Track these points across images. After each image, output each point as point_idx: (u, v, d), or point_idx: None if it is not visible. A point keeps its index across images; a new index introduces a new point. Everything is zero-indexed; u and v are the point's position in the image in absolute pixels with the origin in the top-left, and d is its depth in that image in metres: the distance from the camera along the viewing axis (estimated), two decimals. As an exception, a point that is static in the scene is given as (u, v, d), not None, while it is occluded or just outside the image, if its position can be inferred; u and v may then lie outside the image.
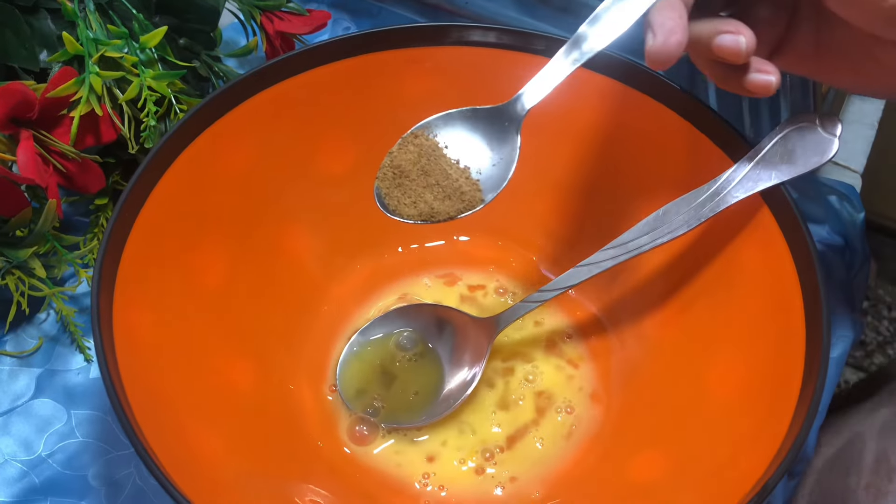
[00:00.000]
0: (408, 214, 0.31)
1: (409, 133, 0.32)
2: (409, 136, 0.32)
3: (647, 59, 0.28)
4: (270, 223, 0.38)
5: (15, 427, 0.35)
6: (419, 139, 0.31)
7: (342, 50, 0.37)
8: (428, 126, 0.32)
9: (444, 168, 0.31)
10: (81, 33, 0.36)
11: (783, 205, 0.32)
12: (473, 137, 0.32)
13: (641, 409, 0.35)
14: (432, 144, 0.31)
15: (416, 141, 0.31)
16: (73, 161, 0.36)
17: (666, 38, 0.27)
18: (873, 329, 1.30)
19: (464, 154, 0.32)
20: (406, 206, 0.31)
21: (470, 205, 0.31)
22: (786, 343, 0.30)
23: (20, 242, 0.36)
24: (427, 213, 0.31)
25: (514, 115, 0.31)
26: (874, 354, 1.26)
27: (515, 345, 0.39)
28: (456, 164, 0.31)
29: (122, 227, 0.31)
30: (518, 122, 0.31)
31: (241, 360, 0.35)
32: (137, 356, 0.30)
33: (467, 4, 0.48)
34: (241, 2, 0.45)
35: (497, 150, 0.32)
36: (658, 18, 0.27)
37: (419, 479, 0.34)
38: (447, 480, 0.35)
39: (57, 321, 0.39)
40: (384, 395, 0.36)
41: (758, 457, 0.27)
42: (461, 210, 0.31)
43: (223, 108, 0.35)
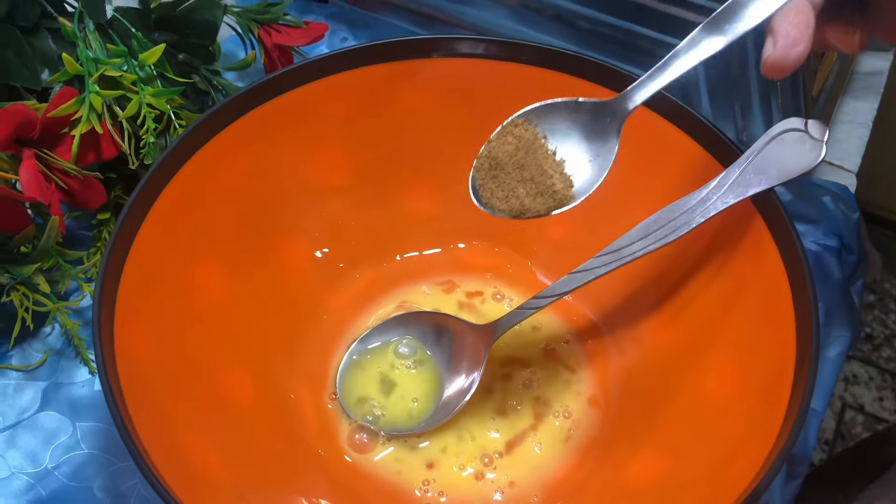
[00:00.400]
0: (499, 208, 0.31)
1: (510, 121, 0.31)
2: (510, 124, 0.31)
3: (763, 67, 0.26)
4: (269, 235, 0.39)
5: (21, 440, 0.36)
6: (518, 129, 0.31)
7: (337, 64, 0.37)
8: (529, 115, 0.31)
9: (539, 163, 0.31)
10: (81, 53, 0.37)
11: (773, 209, 0.32)
12: (573, 131, 0.31)
13: (639, 414, 0.36)
14: (531, 135, 0.31)
15: (516, 131, 0.31)
16: (75, 178, 0.37)
17: (787, 50, 0.25)
18: (880, 323, 1.30)
19: (561, 146, 0.31)
20: (498, 200, 0.31)
21: (560, 203, 0.31)
22: (777, 345, 0.30)
23: (24, 259, 0.37)
24: (518, 209, 0.31)
25: (619, 113, 0.31)
26: (882, 348, 1.26)
27: (513, 350, 0.39)
28: (552, 157, 0.31)
29: (123, 242, 0.32)
30: (621, 119, 0.31)
31: (240, 371, 0.35)
32: (138, 369, 0.31)
33: (462, 14, 0.48)
34: (239, 16, 0.45)
35: (595, 146, 0.31)
36: (783, 26, 0.25)
37: (419, 486, 0.35)
38: (447, 486, 0.35)
39: (62, 335, 0.40)
40: (384, 402, 0.37)
41: (752, 457, 0.28)
42: (551, 208, 0.31)
43: (221, 123, 0.36)
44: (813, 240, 0.44)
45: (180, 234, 0.35)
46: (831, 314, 0.42)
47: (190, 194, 0.35)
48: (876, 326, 1.30)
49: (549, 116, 0.31)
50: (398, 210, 0.41)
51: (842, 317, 0.42)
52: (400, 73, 0.38)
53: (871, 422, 1.18)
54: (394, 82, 0.38)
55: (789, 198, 0.44)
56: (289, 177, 0.39)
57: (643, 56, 0.43)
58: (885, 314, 1.30)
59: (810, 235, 0.44)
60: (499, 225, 0.42)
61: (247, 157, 0.37)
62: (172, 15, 0.44)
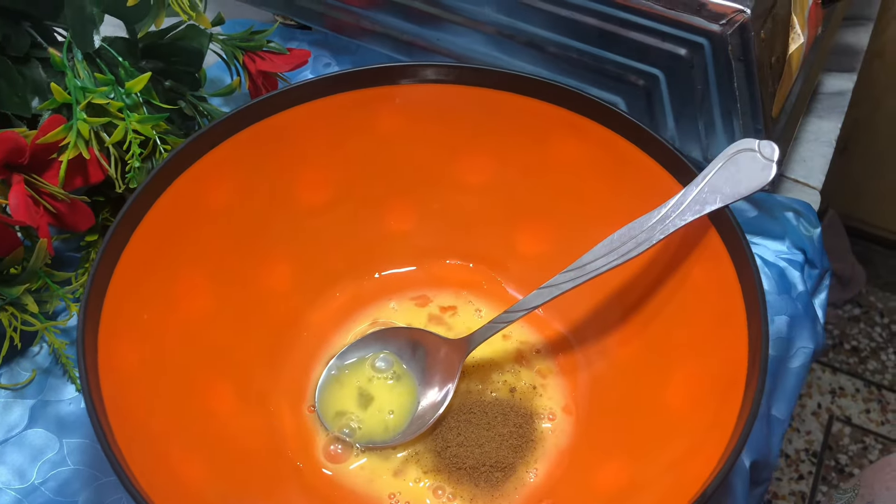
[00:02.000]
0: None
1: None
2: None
3: None
4: (252, 255, 0.40)
5: (9, 457, 0.37)
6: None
7: (317, 90, 0.39)
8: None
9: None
10: (69, 82, 0.38)
11: (727, 225, 0.34)
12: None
13: (606, 422, 0.37)
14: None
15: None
16: (63, 202, 0.38)
17: None
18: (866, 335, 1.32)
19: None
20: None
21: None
22: (731, 353, 0.32)
23: (13, 280, 0.38)
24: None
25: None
26: (868, 360, 1.28)
27: (487, 363, 0.40)
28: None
29: (108, 262, 0.33)
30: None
31: (223, 386, 0.37)
32: (122, 386, 0.32)
33: (439, 41, 0.50)
34: (225, 43, 0.47)
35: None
36: None
37: (389, 496, 0.36)
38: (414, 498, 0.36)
39: (49, 354, 0.41)
40: (361, 416, 0.38)
41: (708, 456, 0.29)
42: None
43: (205, 147, 0.37)
44: (778, 254, 0.45)
45: (165, 254, 0.36)
46: (795, 326, 0.43)
47: (174, 215, 0.36)
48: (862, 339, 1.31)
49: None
50: (377, 229, 0.43)
51: (805, 329, 0.43)
52: (377, 98, 0.40)
53: (858, 434, 1.19)
54: (371, 107, 0.40)
55: (754, 214, 0.46)
56: (272, 198, 0.40)
57: (609, 79, 0.45)
58: (871, 327, 1.31)
59: (775, 250, 0.46)
60: (473, 243, 0.43)
61: (231, 180, 0.38)
62: (159, 43, 0.45)
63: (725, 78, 0.41)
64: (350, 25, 0.53)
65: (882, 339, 1.32)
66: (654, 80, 0.43)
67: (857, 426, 1.21)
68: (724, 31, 0.40)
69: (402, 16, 0.51)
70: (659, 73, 0.43)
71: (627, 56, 0.44)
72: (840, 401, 1.23)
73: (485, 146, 0.41)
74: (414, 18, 0.50)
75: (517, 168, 0.41)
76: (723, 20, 0.40)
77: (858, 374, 1.27)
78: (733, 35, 0.40)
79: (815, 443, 1.19)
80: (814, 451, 1.18)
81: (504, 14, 0.46)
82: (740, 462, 0.38)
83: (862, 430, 1.20)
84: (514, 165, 0.41)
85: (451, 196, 0.43)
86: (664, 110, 0.45)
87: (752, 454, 0.39)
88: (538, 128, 0.40)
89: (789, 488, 1.15)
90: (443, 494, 0.36)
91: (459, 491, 0.36)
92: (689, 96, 0.43)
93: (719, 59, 0.41)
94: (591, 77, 0.46)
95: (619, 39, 0.43)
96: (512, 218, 0.42)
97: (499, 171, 0.42)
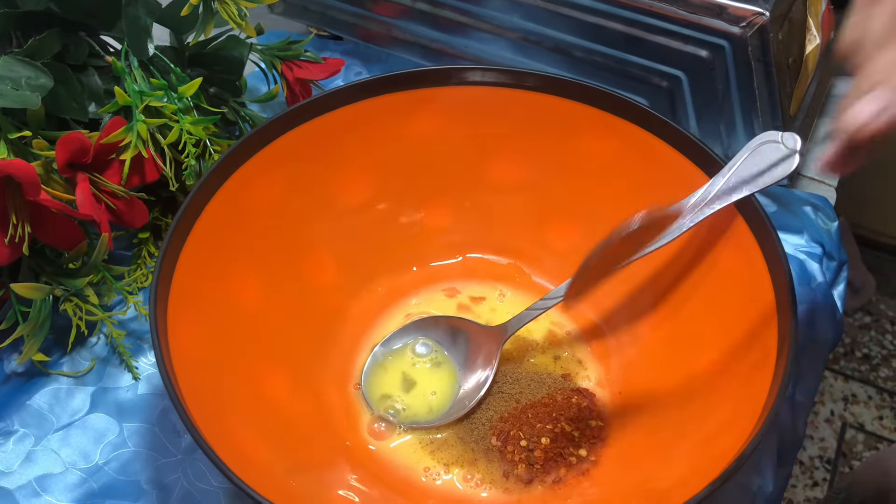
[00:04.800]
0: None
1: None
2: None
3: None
4: (298, 250, 0.42)
5: (74, 439, 0.39)
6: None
7: (355, 94, 0.41)
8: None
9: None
10: (129, 87, 0.41)
11: (754, 213, 0.36)
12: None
13: (639, 403, 0.39)
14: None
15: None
16: (122, 199, 0.41)
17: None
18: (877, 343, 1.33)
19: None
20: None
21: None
22: (760, 335, 0.34)
23: (76, 273, 0.40)
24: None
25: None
26: (879, 368, 1.29)
27: (523, 349, 0.42)
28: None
29: (172, 253, 0.35)
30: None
31: (276, 371, 0.39)
32: (188, 370, 0.33)
33: (467, 48, 0.53)
34: (263, 53, 0.49)
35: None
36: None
37: (425, 469, 0.37)
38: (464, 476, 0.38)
39: (107, 344, 0.43)
40: (404, 398, 0.40)
41: (736, 435, 0.31)
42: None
43: (253, 149, 0.39)
44: (798, 247, 0.47)
45: (219, 250, 0.38)
46: (815, 315, 0.45)
47: (227, 214, 0.38)
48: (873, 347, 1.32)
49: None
50: (415, 225, 0.45)
51: (824, 318, 0.45)
52: (412, 101, 0.42)
53: (871, 440, 1.20)
54: (407, 109, 0.42)
55: (774, 209, 0.48)
56: (313, 197, 0.42)
57: (633, 81, 0.47)
58: (882, 334, 1.32)
59: (795, 244, 0.47)
60: (506, 238, 0.45)
61: (276, 180, 0.40)
62: (203, 52, 0.48)
63: (745, 78, 0.44)
64: (380, 35, 0.56)
65: (893, 347, 1.33)
66: (676, 81, 0.46)
67: (871, 433, 1.21)
68: (744, 33, 0.42)
69: (430, 24, 0.53)
70: (681, 74, 0.45)
71: (651, 58, 0.46)
72: (853, 408, 1.24)
73: (517, 145, 0.43)
74: (442, 27, 0.52)
75: (548, 165, 0.43)
76: (742, 23, 0.42)
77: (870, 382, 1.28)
78: (753, 37, 0.42)
79: (828, 450, 1.20)
80: (828, 458, 1.19)
81: (531, 21, 0.49)
82: (768, 441, 0.40)
83: (875, 436, 1.21)
84: (545, 163, 0.43)
85: (485, 194, 0.45)
86: (686, 110, 0.47)
87: (779, 434, 0.40)
88: (568, 126, 0.42)
89: (804, 495, 1.15)
90: (471, 479, 0.38)
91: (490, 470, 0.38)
92: (710, 96, 0.45)
93: (739, 60, 0.43)
94: (615, 79, 0.48)
95: (643, 43, 0.45)
96: (543, 213, 0.44)
97: (530, 168, 0.44)
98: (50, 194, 0.37)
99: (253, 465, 0.32)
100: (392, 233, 0.45)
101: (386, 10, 0.54)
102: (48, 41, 0.41)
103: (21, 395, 0.40)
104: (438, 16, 0.52)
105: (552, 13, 0.47)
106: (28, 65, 0.39)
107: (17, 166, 0.34)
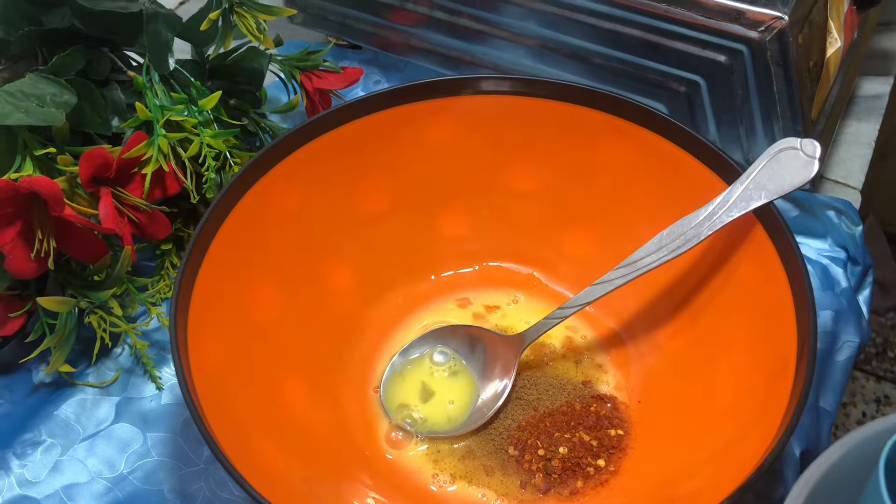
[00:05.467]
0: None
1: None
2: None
3: None
4: (317, 260, 0.42)
5: (99, 448, 0.40)
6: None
7: (373, 104, 0.41)
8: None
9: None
10: (149, 101, 0.42)
11: (773, 221, 0.35)
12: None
13: (658, 412, 0.39)
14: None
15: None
16: (144, 212, 0.41)
17: None
18: (901, 341, 1.30)
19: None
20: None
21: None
22: (780, 343, 0.33)
23: (100, 285, 0.41)
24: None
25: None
26: (902, 365, 1.26)
27: (541, 358, 0.42)
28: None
29: (192, 266, 0.36)
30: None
31: (295, 381, 0.39)
32: (208, 380, 0.34)
33: (484, 55, 0.53)
34: (283, 63, 0.50)
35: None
36: None
37: (444, 482, 0.38)
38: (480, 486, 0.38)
39: (131, 354, 0.44)
40: (422, 407, 0.40)
41: (759, 440, 0.31)
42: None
43: (272, 161, 0.40)
44: (821, 252, 0.47)
45: (240, 261, 0.38)
46: (840, 321, 0.44)
47: (247, 225, 0.39)
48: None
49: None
50: (433, 234, 0.45)
51: (850, 324, 0.44)
52: (429, 110, 0.42)
53: (905, 443, 1.18)
54: (424, 119, 0.42)
55: (796, 213, 0.47)
56: (334, 207, 0.43)
57: (651, 87, 0.47)
58: (913, 333, 1.30)
59: (818, 248, 0.47)
60: (523, 246, 0.45)
61: (296, 191, 0.41)
62: (223, 64, 0.48)
63: (765, 83, 0.43)
64: (399, 43, 0.56)
65: (915, 344, 1.30)
66: (695, 86, 0.45)
67: (904, 435, 1.19)
68: (763, 38, 0.42)
69: (448, 32, 0.53)
70: (700, 79, 0.45)
71: (669, 64, 0.46)
72: (886, 409, 1.22)
73: (533, 153, 0.43)
74: (460, 35, 0.53)
75: (565, 173, 0.43)
76: (761, 27, 0.41)
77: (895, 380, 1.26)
78: (772, 41, 0.41)
79: (861, 452, 1.18)
80: (860, 460, 1.17)
81: (548, 28, 0.49)
82: (791, 451, 0.39)
83: (909, 438, 1.19)
84: (562, 171, 0.43)
85: (502, 202, 0.45)
86: (706, 115, 0.46)
87: (802, 444, 0.40)
88: (584, 134, 0.42)
89: (836, 498, 1.14)
90: (488, 490, 0.37)
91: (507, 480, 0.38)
92: (729, 101, 0.45)
93: (759, 64, 0.43)
94: (633, 85, 0.47)
95: (661, 48, 0.45)
96: (560, 221, 0.44)
97: (547, 176, 0.44)
98: (74, 209, 0.38)
99: (271, 476, 0.32)
100: (409, 241, 0.45)
101: (404, 20, 0.54)
102: (72, 58, 0.42)
103: (48, 405, 0.41)
104: (456, 24, 0.52)
105: (569, 20, 0.47)
106: (52, 82, 0.40)
107: (41, 183, 0.35)
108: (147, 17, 0.43)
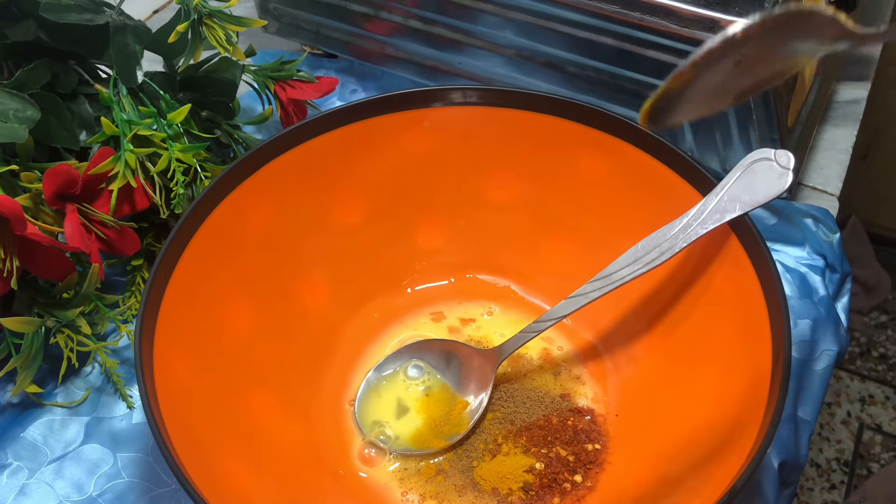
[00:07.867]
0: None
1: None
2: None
3: None
4: (290, 274, 0.42)
5: (68, 471, 0.39)
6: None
7: (347, 116, 0.41)
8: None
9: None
10: (116, 116, 0.41)
11: (748, 232, 0.35)
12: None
13: (636, 424, 0.38)
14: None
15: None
16: (112, 228, 0.41)
17: None
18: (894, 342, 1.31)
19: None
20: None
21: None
22: (755, 355, 0.33)
23: (68, 304, 0.40)
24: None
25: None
26: (896, 368, 1.27)
27: (518, 372, 0.42)
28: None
29: (159, 285, 0.35)
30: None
31: (267, 398, 0.38)
32: (177, 401, 0.33)
33: (461, 64, 0.52)
34: (256, 73, 0.49)
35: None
36: None
37: (419, 501, 0.37)
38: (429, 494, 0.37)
39: (101, 373, 0.43)
40: (395, 424, 0.39)
41: (735, 457, 0.30)
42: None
43: (244, 174, 0.39)
44: (799, 260, 0.47)
45: (210, 275, 0.38)
46: (818, 330, 0.44)
47: (217, 238, 0.38)
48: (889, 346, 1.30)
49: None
50: (408, 246, 0.45)
51: (828, 332, 0.44)
52: (404, 121, 0.42)
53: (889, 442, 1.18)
54: (399, 130, 0.42)
55: (774, 221, 0.47)
56: (307, 220, 0.42)
57: (627, 96, 0.47)
58: (898, 333, 1.30)
59: (795, 256, 0.47)
60: (500, 258, 0.45)
61: (268, 204, 0.40)
62: (195, 76, 0.48)
63: (740, 91, 0.43)
64: (374, 53, 0.56)
65: (909, 347, 1.31)
66: (670, 95, 0.45)
67: (889, 434, 1.20)
68: (737, 47, 0.41)
69: (424, 42, 0.53)
70: (675, 88, 0.45)
71: (644, 73, 0.45)
72: (870, 409, 1.23)
73: (509, 165, 0.43)
74: (436, 44, 0.52)
75: (541, 185, 0.43)
76: (735, 36, 0.41)
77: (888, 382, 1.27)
78: (746, 50, 0.41)
79: (846, 452, 1.18)
80: (845, 460, 1.18)
81: (524, 37, 0.48)
82: (769, 463, 0.39)
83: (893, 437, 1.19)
84: (538, 182, 0.43)
85: (478, 213, 0.45)
86: (682, 124, 0.46)
87: (780, 455, 0.39)
88: (560, 145, 0.41)
89: (821, 498, 1.14)
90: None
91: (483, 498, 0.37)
92: (705, 109, 0.45)
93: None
94: (609, 94, 0.47)
95: (636, 57, 0.45)
96: (537, 233, 0.44)
97: (523, 188, 0.43)
98: (39, 227, 0.37)
99: (241, 501, 0.32)
100: (384, 254, 0.44)
101: (379, 28, 0.54)
102: (37, 71, 0.41)
103: (15, 427, 0.40)
104: (432, 33, 0.52)
105: (545, 29, 0.47)
106: (15, 97, 0.39)
107: (1, 202, 0.34)
108: (114, 29, 0.42)
